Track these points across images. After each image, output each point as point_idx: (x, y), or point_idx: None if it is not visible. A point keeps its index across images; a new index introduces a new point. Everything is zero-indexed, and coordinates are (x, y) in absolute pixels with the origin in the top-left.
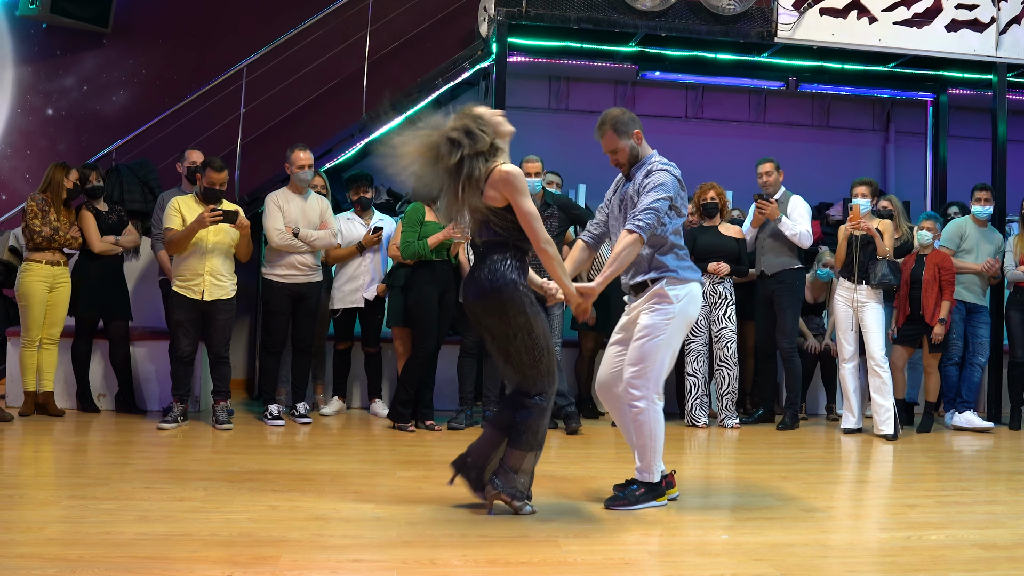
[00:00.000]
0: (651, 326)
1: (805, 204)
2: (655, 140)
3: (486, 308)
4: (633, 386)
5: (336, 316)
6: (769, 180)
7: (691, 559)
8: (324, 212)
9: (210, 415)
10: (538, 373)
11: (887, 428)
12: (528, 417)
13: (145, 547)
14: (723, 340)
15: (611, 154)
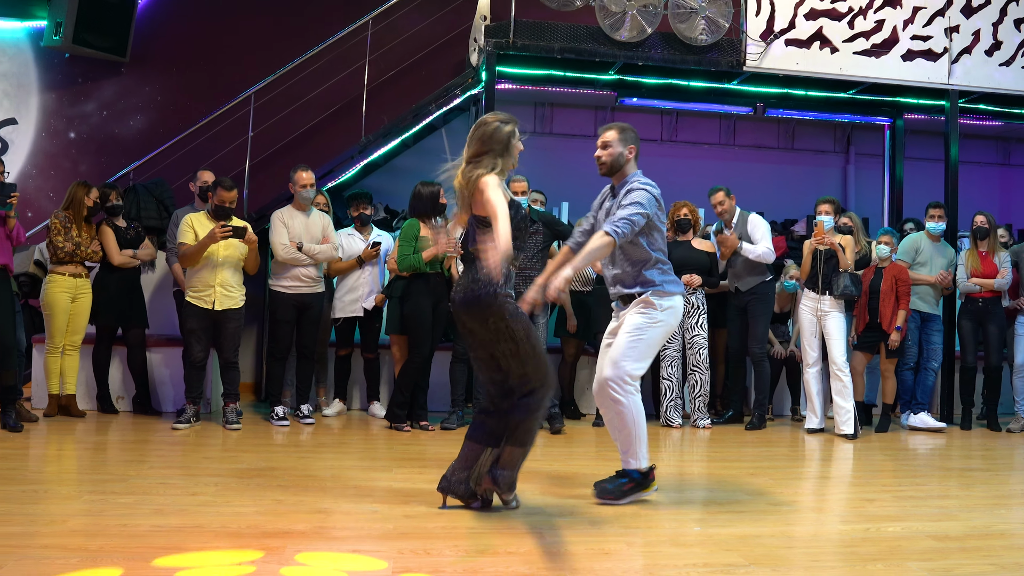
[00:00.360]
0: (637, 326)
1: (762, 222)
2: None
3: (470, 313)
4: (615, 378)
5: (337, 324)
6: (723, 208)
7: (666, 549)
8: (326, 228)
9: (220, 416)
10: (526, 374)
11: (848, 428)
12: (520, 415)
13: (160, 538)
14: (696, 347)
15: (602, 148)
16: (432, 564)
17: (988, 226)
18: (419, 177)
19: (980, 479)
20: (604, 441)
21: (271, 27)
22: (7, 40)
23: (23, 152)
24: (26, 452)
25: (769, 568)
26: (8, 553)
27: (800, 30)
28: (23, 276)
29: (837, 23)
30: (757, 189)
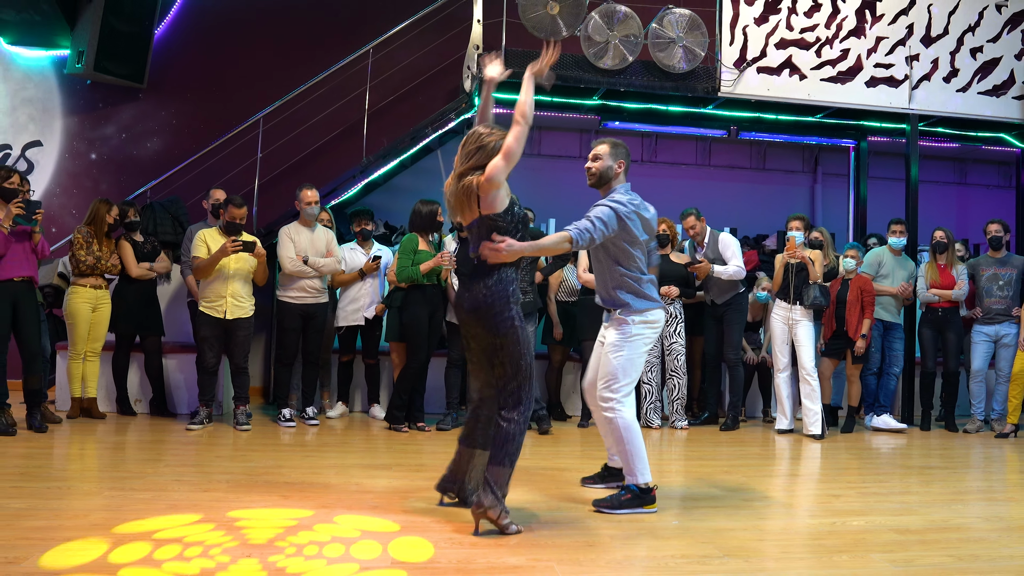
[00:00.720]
0: (614, 343)
1: (732, 240)
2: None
3: (478, 320)
4: (603, 398)
5: (340, 332)
6: (695, 231)
7: (646, 541)
8: (330, 242)
9: (231, 418)
10: (518, 386)
11: (815, 429)
12: (507, 433)
13: (174, 531)
14: (674, 353)
15: (592, 159)
16: (428, 553)
17: (947, 240)
18: (417, 195)
19: (939, 477)
20: (589, 441)
21: (279, 56)
22: (33, 68)
23: (48, 172)
24: (50, 451)
25: (742, 559)
26: (35, 545)
27: (771, 58)
28: (47, 287)
29: (805, 52)
30: (731, 206)
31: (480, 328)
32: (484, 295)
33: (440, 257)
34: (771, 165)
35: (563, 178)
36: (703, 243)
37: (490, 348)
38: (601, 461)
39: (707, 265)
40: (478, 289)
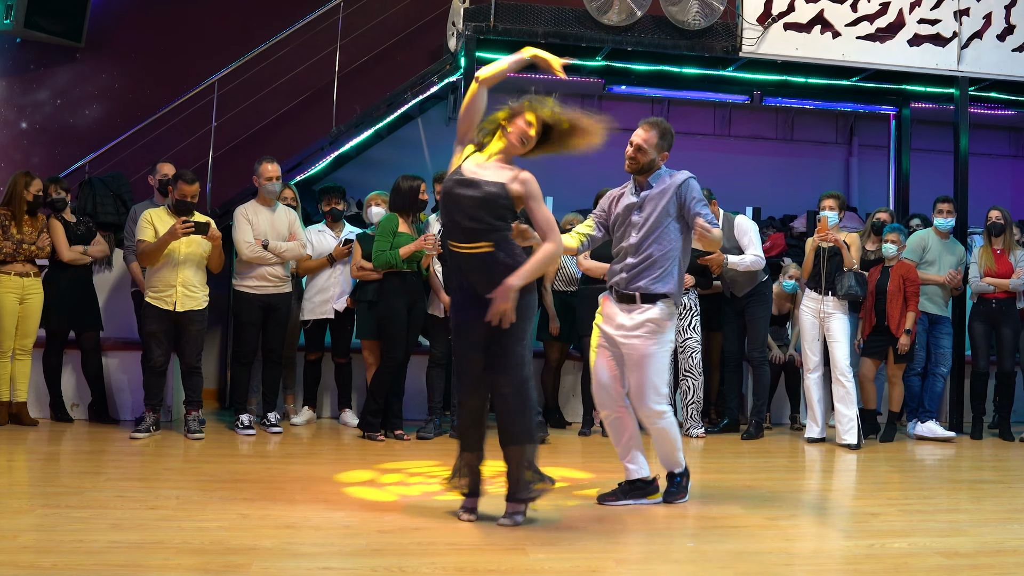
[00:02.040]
0: (652, 355)
1: (750, 225)
2: (621, 154)
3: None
4: (656, 413)
5: (306, 327)
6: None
7: (657, 567)
8: (292, 224)
9: (182, 425)
10: (522, 365)
11: (850, 437)
12: (511, 409)
13: (118, 555)
14: (688, 351)
15: (637, 150)
16: None
17: (1003, 222)
18: (394, 170)
19: (991, 492)
20: (592, 451)
21: (236, 10)
22: None
23: None
24: None
25: None
26: None
27: (800, 13)
28: None
29: (839, 6)
30: (754, 183)
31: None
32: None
33: (422, 240)
34: (800, 136)
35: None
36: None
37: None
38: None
39: (720, 256)
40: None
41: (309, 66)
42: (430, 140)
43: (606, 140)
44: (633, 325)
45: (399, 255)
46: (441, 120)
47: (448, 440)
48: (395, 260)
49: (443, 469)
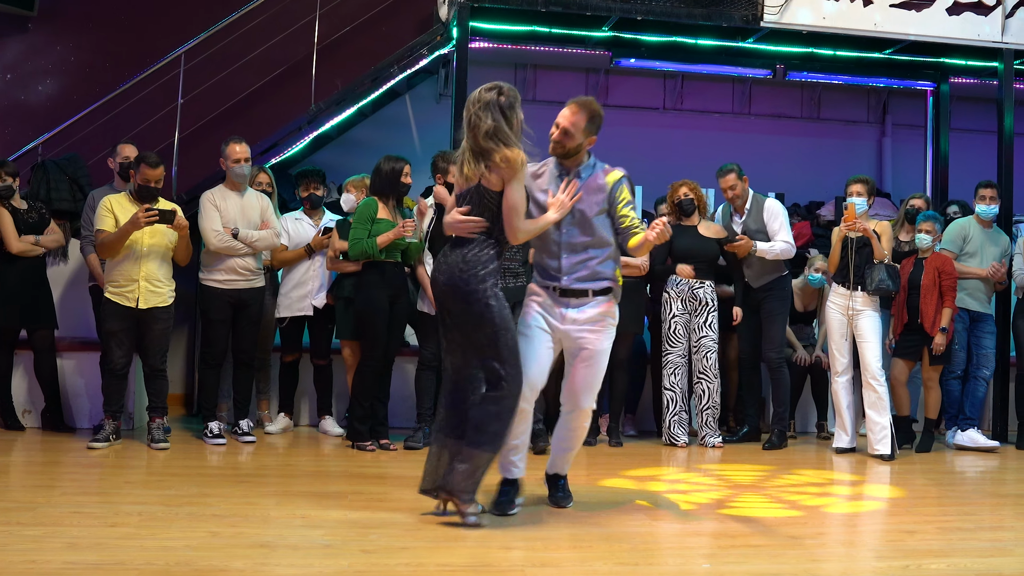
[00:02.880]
0: (604, 351)
1: (780, 208)
2: (630, 133)
3: (455, 295)
4: (590, 410)
5: (282, 325)
6: (735, 192)
7: None
8: (265, 210)
9: (145, 433)
10: (502, 363)
11: (883, 447)
12: (484, 411)
13: None
14: (703, 350)
15: (564, 134)
16: None
17: None
18: (378, 151)
19: None
20: (597, 462)
21: None
22: None
23: None
24: None
25: None
26: None
27: None
28: None
29: None
30: (776, 166)
31: (458, 305)
32: (461, 268)
33: (402, 227)
34: (827, 114)
35: None
36: (743, 209)
37: (467, 326)
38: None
39: (748, 242)
40: (455, 259)
41: (285, 37)
42: (419, 119)
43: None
44: (588, 319)
45: (376, 244)
46: (431, 97)
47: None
48: (372, 250)
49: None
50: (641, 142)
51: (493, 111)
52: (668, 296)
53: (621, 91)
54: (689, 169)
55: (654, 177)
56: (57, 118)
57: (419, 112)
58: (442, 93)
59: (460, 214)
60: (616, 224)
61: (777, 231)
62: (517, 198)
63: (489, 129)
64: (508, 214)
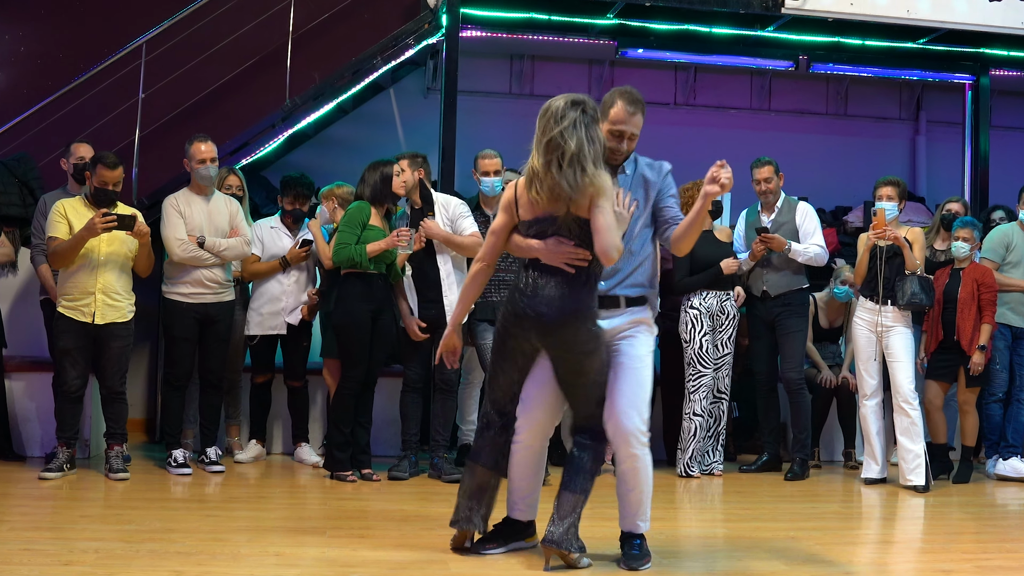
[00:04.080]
0: (641, 356)
1: (813, 211)
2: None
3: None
4: (639, 435)
5: (253, 343)
6: (769, 187)
7: None
8: (234, 216)
9: (102, 462)
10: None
11: (917, 478)
12: (589, 457)
13: None
14: (724, 368)
15: (628, 140)
16: None
17: None
18: (358, 151)
19: None
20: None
21: None
22: None
23: None
24: None
25: None
26: None
27: None
28: None
29: None
30: (799, 167)
31: (562, 340)
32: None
33: (395, 236)
34: (856, 110)
35: None
36: (773, 207)
37: (566, 363)
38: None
39: (781, 240)
40: (567, 290)
41: (257, 25)
42: (405, 115)
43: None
44: (618, 329)
45: (365, 252)
46: (418, 91)
47: (427, 482)
48: (360, 258)
49: (420, 517)
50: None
51: (579, 130)
52: (695, 312)
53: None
54: (702, 171)
55: None
56: (5, 114)
57: (405, 108)
58: (430, 87)
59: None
60: (663, 215)
61: (811, 233)
62: (612, 216)
63: (575, 153)
64: (605, 234)
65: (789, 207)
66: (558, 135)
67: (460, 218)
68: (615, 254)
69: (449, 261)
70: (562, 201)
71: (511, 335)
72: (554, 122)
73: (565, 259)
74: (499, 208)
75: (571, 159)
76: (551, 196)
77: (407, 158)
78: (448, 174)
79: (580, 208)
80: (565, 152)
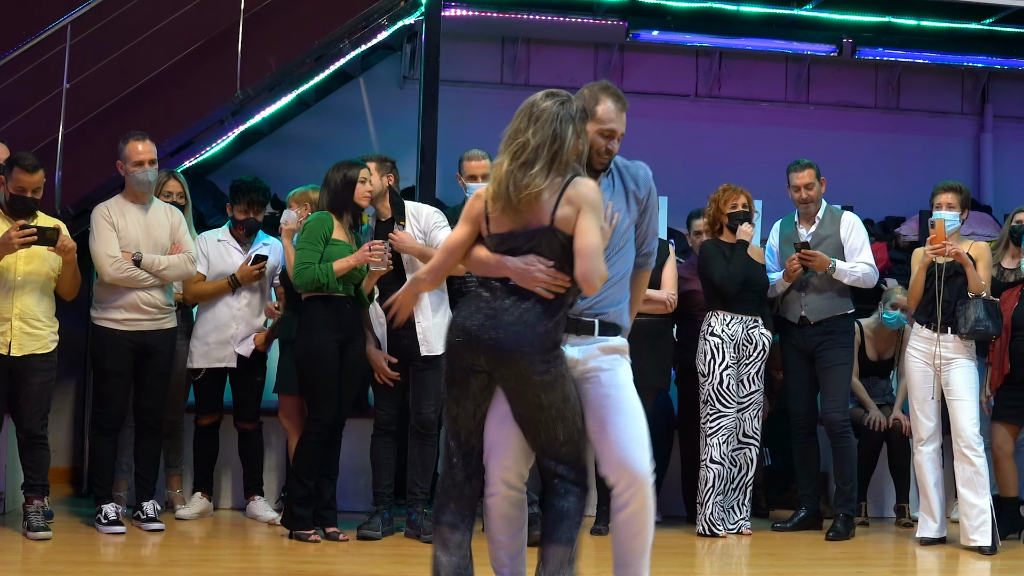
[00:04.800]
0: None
1: (860, 224)
2: (652, 128)
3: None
4: (647, 469)
5: (198, 378)
6: (810, 195)
7: None
8: (176, 228)
9: (20, 519)
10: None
11: (982, 537)
12: (573, 501)
13: None
14: (752, 408)
15: (616, 140)
16: None
17: None
18: (322, 151)
19: None
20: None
21: None
22: None
23: None
24: None
25: None
26: None
27: None
28: None
29: None
30: (843, 170)
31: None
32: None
33: (366, 250)
34: (909, 103)
35: None
36: (814, 219)
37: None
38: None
39: (824, 257)
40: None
41: (203, 3)
42: (377, 109)
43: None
44: (592, 354)
45: (332, 271)
46: (392, 80)
47: (403, 541)
48: (327, 278)
49: None
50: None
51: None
52: (716, 340)
53: (640, 73)
54: (728, 174)
55: (683, 184)
56: None
57: (377, 101)
58: (407, 76)
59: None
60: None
61: (858, 249)
62: (598, 237)
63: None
64: (589, 258)
65: (832, 218)
66: (524, 126)
67: (435, 229)
68: (599, 283)
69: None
70: (511, 207)
71: (458, 355)
72: (527, 117)
73: (541, 284)
74: (461, 219)
75: (529, 156)
76: (495, 198)
77: (375, 161)
78: (428, 178)
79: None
80: (526, 146)
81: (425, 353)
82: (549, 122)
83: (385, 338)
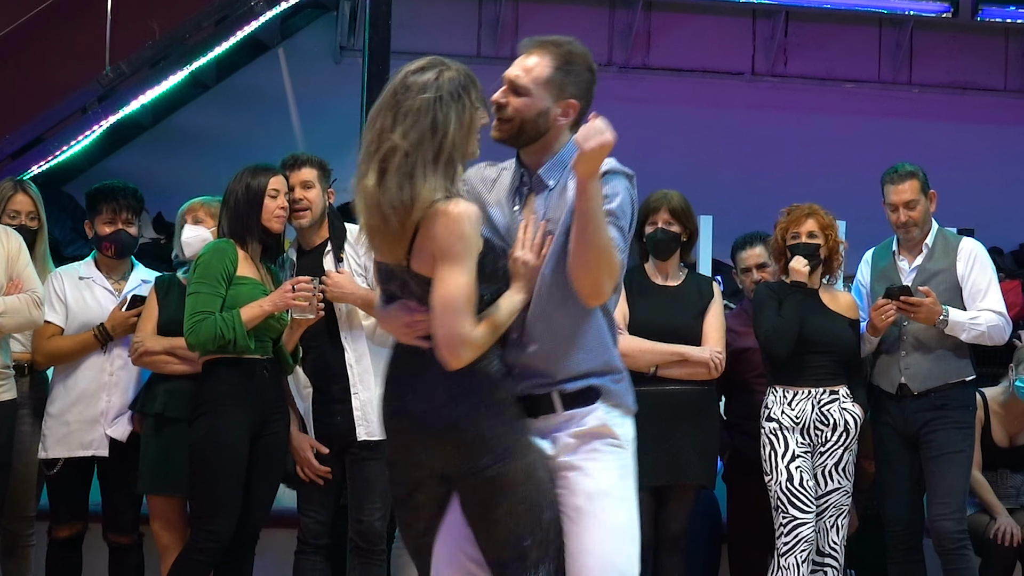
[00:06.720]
0: (608, 494)
1: (985, 255)
2: (689, 119)
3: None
4: None
5: (53, 472)
6: (912, 216)
7: None
8: (14, 258)
9: None
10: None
11: None
12: None
13: None
14: (832, 513)
15: (513, 90)
16: None
17: None
18: (225, 151)
19: None
20: None
21: None
22: None
23: None
24: None
25: None
26: None
27: None
28: None
29: None
30: (959, 179)
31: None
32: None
33: (287, 291)
34: None
35: None
36: (920, 247)
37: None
38: None
39: (935, 305)
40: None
41: None
42: (303, 91)
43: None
44: (564, 446)
45: (240, 321)
46: (325, 51)
47: None
48: (233, 333)
49: None
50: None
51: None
52: (774, 425)
53: (672, 44)
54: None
55: (735, 199)
56: None
57: (303, 79)
58: (344, 46)
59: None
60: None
61: (982, 291)
62: (455, 285)
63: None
64: (441, 313)
65: (946, 247)
66: (388, 124)
67: None
68: (463, 352)
69: (363, 337)
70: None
71: (395, 454)
72: (391, 110)
73: (412, 336)
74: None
75: (401, 164)
76: (367, 228)
77: (310, 166)
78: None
79: (415, 258)
80: (395, 152)
81: (365, 437)
82: (424, 111)
83: (310, 415)
